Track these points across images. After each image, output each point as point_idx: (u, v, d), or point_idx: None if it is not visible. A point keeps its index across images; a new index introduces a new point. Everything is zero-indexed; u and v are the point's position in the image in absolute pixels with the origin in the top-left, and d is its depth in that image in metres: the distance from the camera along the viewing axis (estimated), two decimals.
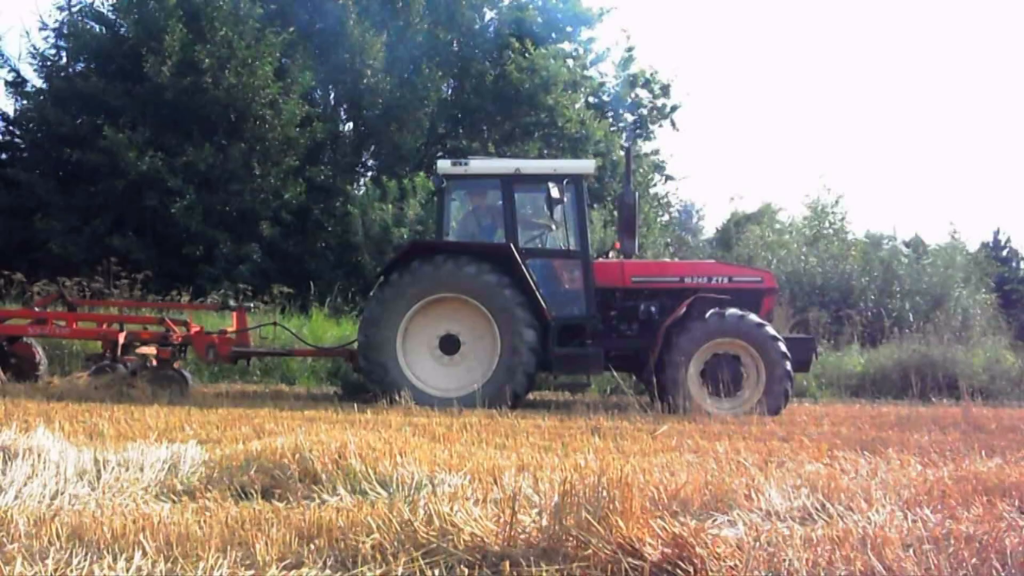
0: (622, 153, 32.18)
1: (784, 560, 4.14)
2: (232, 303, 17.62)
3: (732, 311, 13.56)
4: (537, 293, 13.63)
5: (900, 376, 16.87)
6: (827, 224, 32.02)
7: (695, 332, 13.46)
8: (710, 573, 3.99)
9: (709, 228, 44.11)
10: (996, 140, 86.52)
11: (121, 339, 14.51)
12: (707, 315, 13.53)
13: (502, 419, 11.14)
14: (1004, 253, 37.83)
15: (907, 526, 4.93)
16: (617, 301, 14.42)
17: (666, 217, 37.97)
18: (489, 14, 34.29)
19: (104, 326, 15.42)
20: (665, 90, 35.27)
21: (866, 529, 4.73)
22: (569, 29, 34.95)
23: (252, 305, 18.04)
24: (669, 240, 31.91)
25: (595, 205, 28.78)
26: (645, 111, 35.56)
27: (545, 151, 30.06)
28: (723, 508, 5.38)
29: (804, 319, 22.48)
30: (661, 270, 15.15)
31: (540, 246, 14.70)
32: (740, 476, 6.35)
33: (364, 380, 14.41)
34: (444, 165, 14.64)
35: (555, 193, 13.66)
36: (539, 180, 14.24)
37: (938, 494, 5.84)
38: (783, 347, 13.43)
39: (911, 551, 4.28)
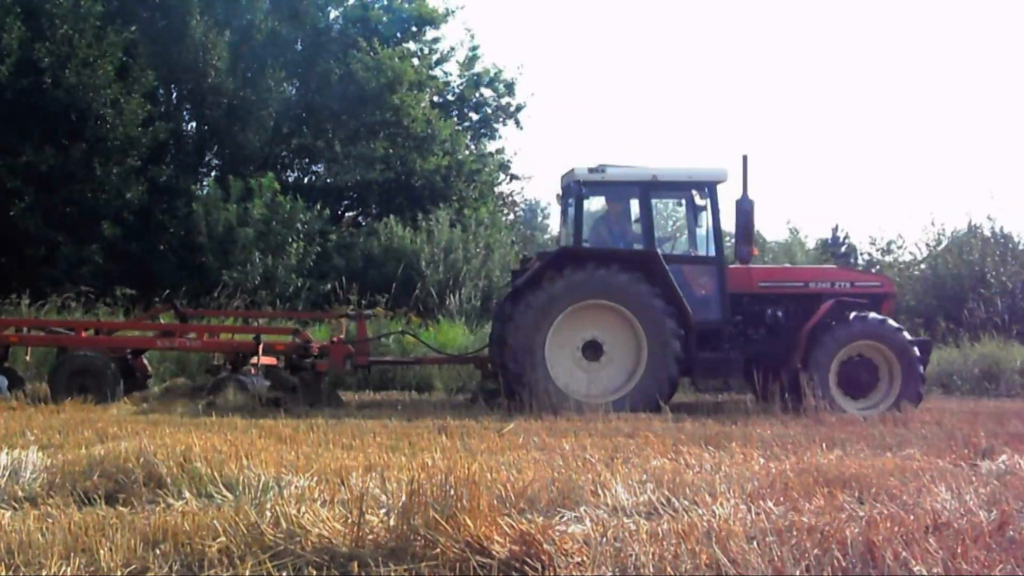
0: (467, 152, 32.39)
1: (631, 555, 4.19)
2: (351, 311, 17.39)
3: (871, 315, 13.86)
4: (682, 299, 13.70)
5: None
6: None
7: (839, 334, 13.73)
8: (558, 569, 4.03)
9: (555, 226, 44.40)
10: (834, 138, 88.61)
11: (260, 351, 14.43)
12: (851, 318, 13.77)
13: (348, 419, 11.15)
14: (843, 249, 38.51)
15: (751, 518, 5.02)
16: (744, 306, 14.56)
17: (512, 216, 38.22)
18: (334, 13, 34.06)
19: (217, 337, 15.78)
20: (509, 89, 35.38)
21: (711, 522, 4.81)
22: (415, 29, 34.93)
23: (371, 313, 17.93)
24: (515, 239, 31.93)
25: (440, 204, 28.81)
26: (490, 110, 35.66)
27: (391, 150, 29.99)
28: (570, 505, 5.43)
29: None
30: (787, 275, 15.50)
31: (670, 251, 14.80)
32: (587, 473, 6.42)
33: (503, 386, 14.18)
34: (582, 172, 14.56)
35: (699, 200, 13.98)
36: (676, 187, 14.57)
37: (781, 487, 5.96)
38: (916, 350, 13.77)
39: (755, 543, 4.36)
